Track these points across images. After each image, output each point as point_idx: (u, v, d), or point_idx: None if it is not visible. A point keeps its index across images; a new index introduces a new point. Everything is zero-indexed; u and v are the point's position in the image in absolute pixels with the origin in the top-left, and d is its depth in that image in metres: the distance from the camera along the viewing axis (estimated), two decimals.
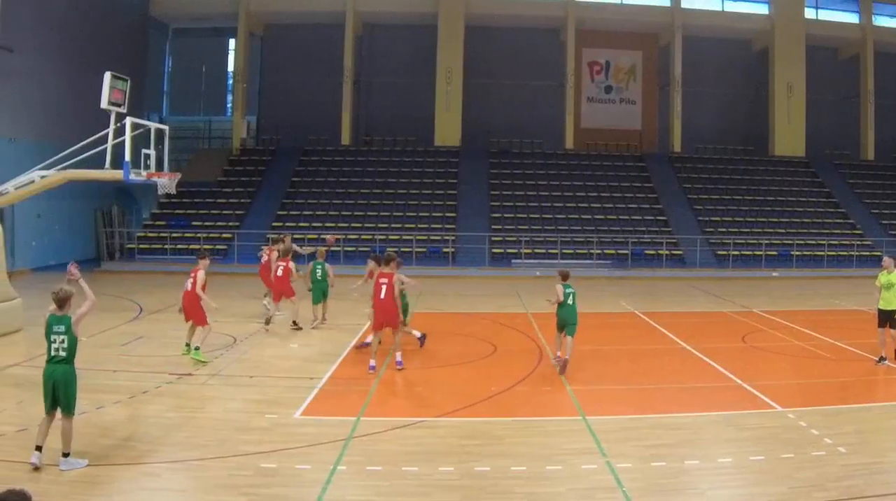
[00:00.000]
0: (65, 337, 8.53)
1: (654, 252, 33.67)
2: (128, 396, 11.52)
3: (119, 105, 18.57)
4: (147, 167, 18.80)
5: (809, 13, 42.04)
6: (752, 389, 12.40)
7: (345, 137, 39.55)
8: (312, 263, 18.43)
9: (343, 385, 12.84)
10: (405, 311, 14.95)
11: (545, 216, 35.72)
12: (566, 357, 13.60)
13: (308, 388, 12.30)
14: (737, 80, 43.34)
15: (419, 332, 15.40)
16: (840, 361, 14.92)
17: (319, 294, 18.18)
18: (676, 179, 39.06)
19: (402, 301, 14.57)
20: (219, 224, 33.91)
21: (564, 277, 14.10)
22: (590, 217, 35.78)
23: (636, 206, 36.79)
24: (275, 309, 18.19)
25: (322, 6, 39.48)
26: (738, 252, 33.98)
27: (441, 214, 35.32)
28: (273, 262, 18.03)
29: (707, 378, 13.62)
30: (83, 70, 28.37)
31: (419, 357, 13.81)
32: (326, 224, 33.45)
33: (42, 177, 18.49)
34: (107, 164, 18.47)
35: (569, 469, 8.82)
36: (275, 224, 33.58)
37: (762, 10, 42.12)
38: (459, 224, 34.76)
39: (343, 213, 34.80)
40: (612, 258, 33.29)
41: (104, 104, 18.19)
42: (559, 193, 37.18)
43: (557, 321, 14.00)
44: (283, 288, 17.60)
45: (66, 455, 8.47)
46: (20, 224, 27.47)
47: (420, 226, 34.24)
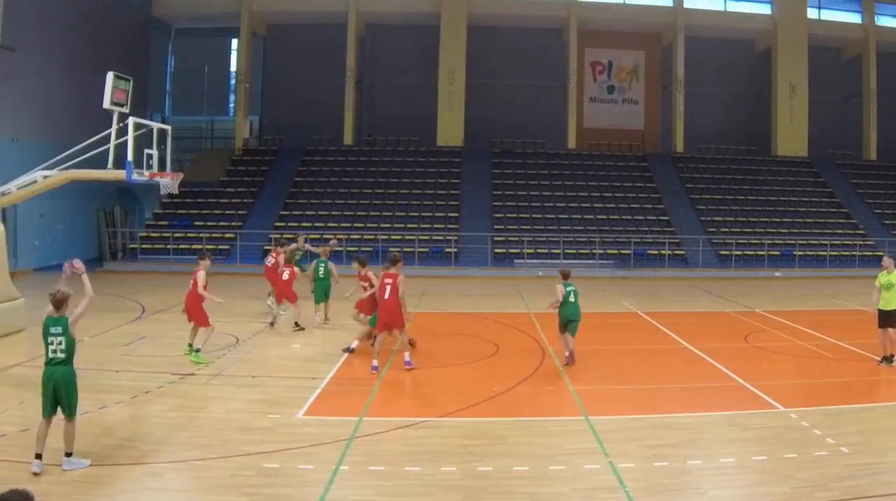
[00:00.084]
0: (62, 339, 8.49)
1: (657, 252, 33.64)
2: (130, 396, 11.54)
3: (122, 105, 18.56)
4: (150, 167, 18.79)
5: (812, 13, 42.04)
6: (755, 389, 12.39)
7: (347, 137, 39.58)
8: (315, 261, 18.47)
9: (345, 385, 12.85)
10: None
11: (548, 216, 35.71)
12: (571, 348, 13.96)
13: (310, 388, 12.30)
14: (739, 80, 43.29)
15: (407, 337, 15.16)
16: (842, 361, 14.90)
17: (321, 293, 18.20)
18: (679, 179, 39.03)
19: None
20: (221, 224, 33.91)
21: (565, 276, 14.35)
22: (592, 217, 35.75)
23: (639, 206, 36.77)
24: (278, 310, 18.22)
25: (324, 6, 39.46)
26: (741, 252, 33.96)
27: (443, 214, 35.30)
28: (281, 265, 18.05)
29: (709, 378, 13.62)
30: (86, 70, 28.43)
31: (421, 357, 13.80)
32: (329, 224, 33.48)
33: (45, 176, 18.47)
34: (109, 164, 18.47)
35: (571, 469, 8.82)
36: (277, 224, 33.62)
37: (765, 10, 42.10)
38: (462, 224, 34.76)
39: (346, 213, 34.81)
40: (615, 258, 33.28)
41: (107, 104, 18.18)
42: (562, 193, 37.18)
43: (560, 320, 14.10)
44: (287, 293, 17.66)
45: (69, 454, 8.47)
46: (23, 224, 27.48)
47: (422, 225, 34.23)
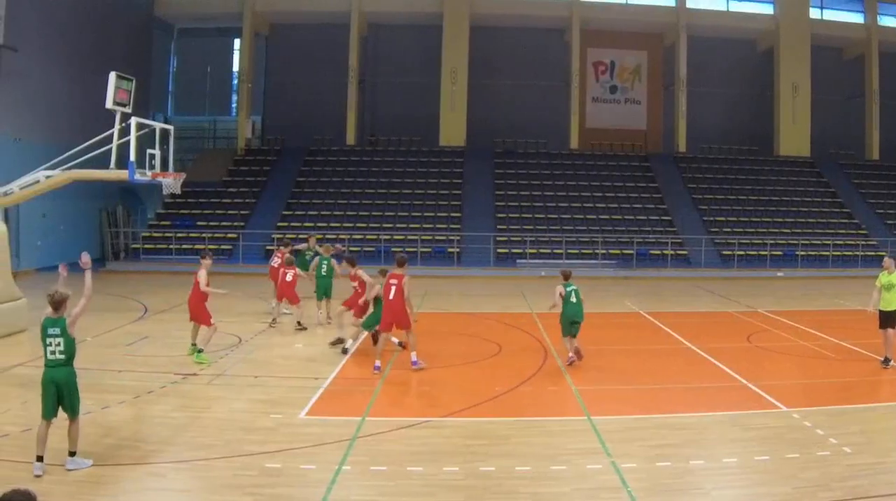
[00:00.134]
0: (61, 340, 8.44)
1: (659, 252, 33.63)
2: (133, 396, 11.54)
3: (124, 105, 18.57)
4: (152, 167, 18.80)
5: (814, 13, 42.03)
6: (757, 389, 12.37)
7: (350, 137, 39.59)
8: (318, 258, 18.47)
9: (348, 385, 12.86)
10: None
11: (550, 216, 35.69)
12: (576, 345, 14.11)
13: (313, 388, 12.30)
14: (742, 80, 43.29)
15: (397, 339, 15.00)
16: (845, 361, 14.88)
17: (322, 290, 18.21)
18: (681, 179, 39.02)
19: (380, 307, 14.29)
20: (224, 224, 33.93)
21: (566, 277, 14.40)
22: (595, 217, 35.74)
23: (641, 206, 36.76)
24: (278, 309, 18.23)
25: (327, 6, 39.50)
26: (744, 252, 33.94)
27: (446, 214, 35.30)
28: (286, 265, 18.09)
29: (712, 378, 13.60)
30: (88, 70, 28.48)
31: (423, 357, 13.76)
32: (332, 224, 33.49)
33: (47, 177, 18.49)
34: (112, 164, 18.47)
35: (573, 469, 8.81)
36: (280, 224, 33.65)
37: (767, 10, 42.08)
38: (464, 224, 34.75)
39: (348, 213, 34.82)
40: (617, 258, 33.28)
41: (109, 104, 18.18)
42: (564, 193, 37.17)
43: (563, 320, 14.11)
44: (289, 295, 17.68)
45: (73, 453, 8.47)
46: (25, 224, 27.51)
47: (425, 225, 34.23)
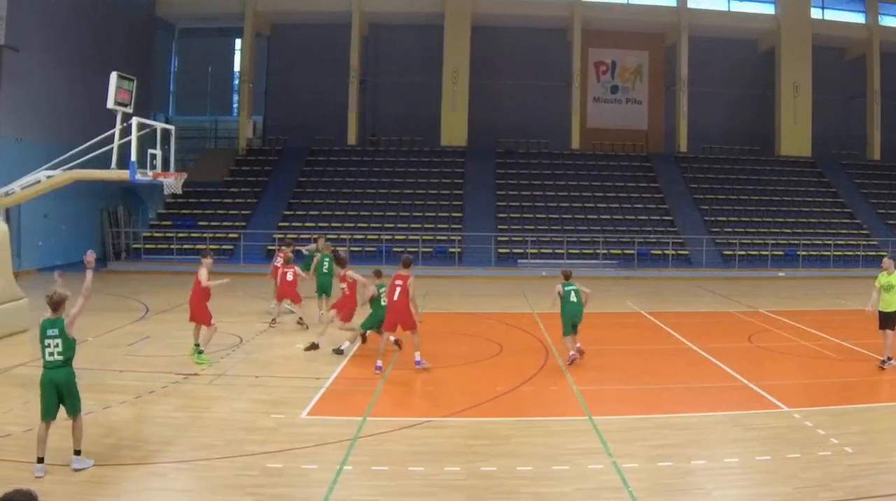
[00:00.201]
0: (59, 341, 8.41)
1: (661, 252, 33.62)
2: (134, 396, 11.55)
3: (125, 105, 18.55)
4: (153, 167, 18.79)
5: (816, 13, 42.00)
6: (759, 389, 12.38)
7: (351, 137, 39.57)
8: (320, 256, 18.48)
9: (349, 385, 12.85)
10: (383, 319, 14.26)
11: (551, 216, 35.68)
12: (577, 344, 14.23)
13: (314, 388, 12.31)
14: (743, 80, 43.26)
15: (393, 337, 14.89)
16: (846, 361, 14.88)
17: (322, 288, 18.23)
18: (682, 179, 39.00)
19: (378, 307, 14.38)
20: (225, 224, 33.94)
21: (567, 276, 14.53)
22: (596, 217, 35.73)
23: (642, 206, 36.74)
24: (278, 309, 18.25)
25: (328, 6, 39.48)
26: (745, 252, 33.93)
27: (447, 214, 35.30)
28: (282, 267, 18.08)
29: (713, 378, 13.60)
30: (89, 70, 28.46)
31: (425, 357, 13.75)
32: (333, 224, 33.47)
33: (48, 176, 18.46)
34: (113, 164, 18.45)
35: (575, 469, 8.82)
36: (281, 224, 33.66)
37: (768, 10, 42.06)
38: (466, 224, 34.75)
39: (349, 213, 34.83)
40: (619, 258, 33.27)
41: (110, 104, 18.16)
42: (565, 193, 37.16)
43: (563, 320, 14.18)
44: (291, 294, 17.70)
45: (78, 452, 8.46)
46: (27, 224, 27.51)
47: (426, 225, 34.22)
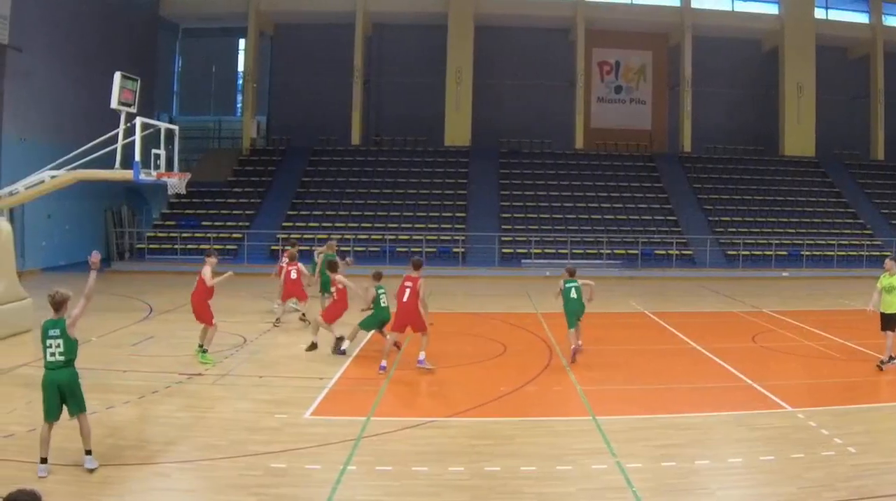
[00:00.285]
0: (60, 341, 8.34)
1: (664, 252, 33.59)
2: (138, 396, 11.55)
3: (129, 105, 18.58)
4: (157, 167, 18.79)
5: (819, 13, 41.96)
6: (762, 389, 12.35)
7: (355, 137, 39.60)
8: (323, 256, 18.49)
9: (353, 385, 12.85)
10: (385, 320, 14.62)
11: (555, 216, 35.66)
12: (579, 341, 14.42)
13: (318, 388, 12.30)
14: (746, 80, 43.22)
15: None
16: (850, 361, 14.85)
17: (325, 286, 18.24)
18: (686, 179, 38.97)
19: (378, 308, 14.43)
20: (229, 224, 33.98)
21: (571, 274, 14.77)
22: (600, 217, 35.72)
23: (646, 206, 36.72)
24: (282, 308, 18.27)
25: (332, 6, 39.52)
26: (748, 252, 33.89)
27: (451, 214, 35.32)
28: (286, 266, 18.10)
29: (717, 378, 13.58)
30: (93, 70, 28.48)
31: (428, 357, 13.75)
32: (336, 224, 33.50)
33: (52, 176, 18.49)
34: (117, 164, 18.48)
35: (579, 469, 8.80)
36: (285, 224, 33.70)
37: (772, 10, 42.04)
38: (469, 224, 34.75)
39: (353, 213, 34.85)
40: (622, 258, 33.25)
41: (114, 104, 18.20)
42: (569, 193, 37.14)
43: (566, 314, 14.48)
44: (297, 292, 17.70)
45: (89, 452, 8.42)
46: (30, 224, 27.58)
47: (430, 225, 34.24)
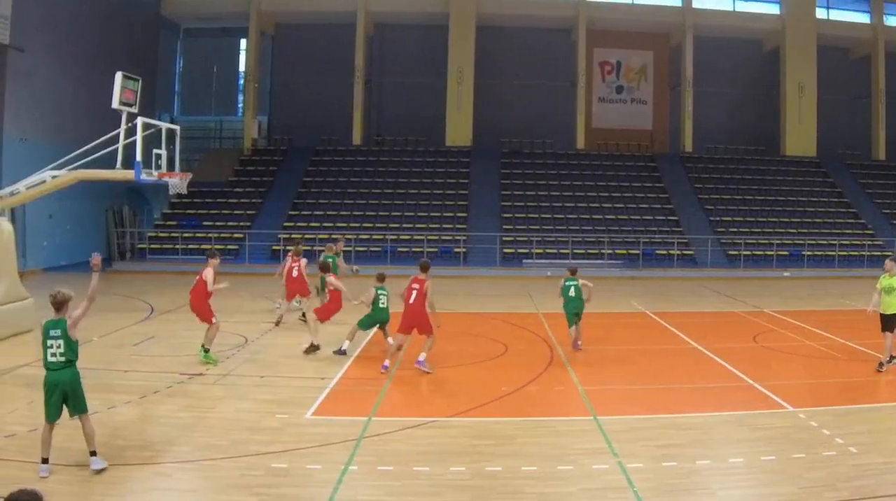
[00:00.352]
0: (61, 342, 8.31)
1: (666, 252, 33.58)
2: (139, 396, 11.56)
3: (130, 105, 18.58)
4: (158, 167, 18.79)
5: (820, 13, 41.93)
6: (764, 389, 12.35)
7: (356, 137, 39.59)
8: (323, 256, 18.52)
9: (354, 385, 12.85)
10: (383, 321, 14.78)
11: (556, 216, 35.66)
12: (579, 342, 14.97)
13: (319, 388, 12.31)
14: (748, 80, 43.19)
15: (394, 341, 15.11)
16: (851, 361, 14.85)
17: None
18: (687, 179, 38.94)
19: (376, 308, 14.49)
20: (230, 224, 33.96)
21: (572, 272, 15.15)
22: (601, 217, 35.72)
23: (647, 206, 36.70)
24: (285, 307, 18.29)
25: (333, 6, 39.51)
26: (750, 252, 33.87)
27: (452, 214, 35.31)
28: (287, 264, 18.12)
29: (718, 378, 13.58)
30: (94, 70, 28.47)
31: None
32: (338, 224, 33.48)
33: (53, 176, 18.47)
34: (118, 164, 18.47)
35: (580, 469, 8.81)
36: (286, 224, 33.69)
37: (773, 10, 42.00)
38: (470, 224, 34.74)
39: (354, 213, 34.85)
40: (624, 258, 33.23)
41: (115, 104, 18.20)
42: (570, 193, 37.13)
43: (566, 312, 14.88)
44: (299, 289, 17.74)
45: (94, 452, 8.41)
46: (32, 224, 27.59)
47: (431, 225, 34.23)
